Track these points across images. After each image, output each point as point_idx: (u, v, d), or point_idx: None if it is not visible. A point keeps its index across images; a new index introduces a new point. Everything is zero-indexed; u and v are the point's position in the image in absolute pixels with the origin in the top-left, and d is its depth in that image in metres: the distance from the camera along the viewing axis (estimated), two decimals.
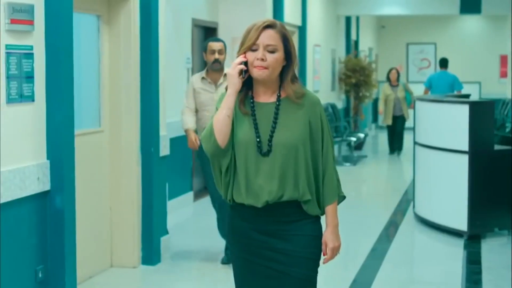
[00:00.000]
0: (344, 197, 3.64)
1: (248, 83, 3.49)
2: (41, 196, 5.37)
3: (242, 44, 3.46)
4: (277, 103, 3.48)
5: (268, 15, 11.54)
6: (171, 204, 8.93)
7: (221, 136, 3.41)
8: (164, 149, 7.44)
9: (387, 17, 23.92)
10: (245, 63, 3.43)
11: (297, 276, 3.49)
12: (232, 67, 3.43)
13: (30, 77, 5.23)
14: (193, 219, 9.73)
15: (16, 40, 5.09)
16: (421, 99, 9.42)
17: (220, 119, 3.41)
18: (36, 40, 5.30)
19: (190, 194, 10.47)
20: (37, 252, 5.36)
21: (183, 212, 9.87)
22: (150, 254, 7.12)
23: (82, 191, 6.27)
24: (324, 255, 3.58)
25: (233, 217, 3.60)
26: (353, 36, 20.73)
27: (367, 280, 6.76)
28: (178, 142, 9.41)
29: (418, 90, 20.28)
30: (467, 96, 11.73)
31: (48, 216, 5.44)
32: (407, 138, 16.02)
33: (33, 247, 5.31)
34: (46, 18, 5.38)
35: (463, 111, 8.19)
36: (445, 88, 15.09)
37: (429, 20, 25.24)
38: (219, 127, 3.41)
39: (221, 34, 11.41)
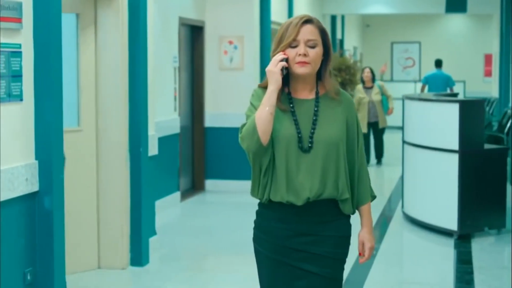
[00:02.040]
0: (375, 197, 3.65)
1: (283, 80, 3.43)
2: (30, 197, 5.27)
3: (278, 41, 3.44)
4: (317, 99, 3.47)
5: (255, 14, 11.49)
6: (158, 204, 8.84)
7: (264, 134, 3.35)
8: (153, 149, 7.36)
9: (371, 16, 23.93)
10: (286, 60, 3.40)
11: (326, 276, 3.47)
12: (273, 64, 3.38)
13: (18, 76, 5.13)
14: (180, 219, 9.66)
15: (4, 38, 4.99)
16: (410, 98, 9.37)
17: (263, 116, 3.34)
18: (24, 38, 5.21)
19: (177, 194, 10.39)
20: (26, 254, 5.26)
21: (171, 212, 9.79)
22: (139, 255, 7.03)
23: (69, 191, 6.18)
24: (360, 255, 3.60)
25: (265, 217, 3.55)
26: (338, 35, 20.71)
27: (358, 280, 6.70)
28: (165, 142, 9.34)
29: (402, 89, 20.34)
30: (456, 95, 11.72)
31: (37, 218, 5.35)
32: (395, 138, 15.99)
33: (21, 249, 5.22)
34: (34, 16, 5.28)
35: (453, 110, 8.15)
36: (440, 85, 16.20)
37: (413, 19, 25.29)
38: (262, 125, 3.34)
39: (208, 33, 11.34)
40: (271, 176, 3.44)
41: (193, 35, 11.29)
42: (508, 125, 12.98)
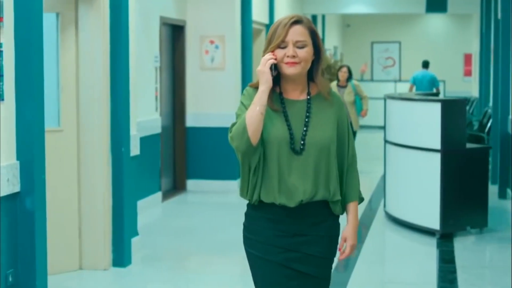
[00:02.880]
0: (363, 199, 3.67)
1: (274, 81, 3.41)
2: (11, 198, 5.22)
3: (269, 42, 3.42)
4: (308, 101, 3.45)
5: (236, 13, 11.46)
6: (139, 205, 8.79)
7: (254, 134, 3.32)
8: (135, 149, 7.32)
9: (352, 16, 23.96)
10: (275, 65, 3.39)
11: (317, 275, 3.47)
12: (262, 63, 3.37)
13: None
14: (162, 220, 9.61)
15: None
16: (392, 97, 9.38)
17: (253, 116, 3.32)
18: (5, 37, 5.15)
19: (159, 194, 10.35)
20: (7, 256, 5.21)
21: (152, 212, 9.74)
22: (121, 256, 6.98)
23: (50, 192, 6.12)
24: (340, 250, 3.60)
25: (255, 218, 3.50)
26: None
27: (342, 280, 6.68)
28: (147, 142, 9.29)
29: (383, 89, 20.40)
30: (437, 94, 11.74)
31: (19, 219, 5.30)
32: (377, 137, 16.00)
33: (2, 251, 5.16)
34: (15, 15, 5.23)
35: (435, 109, 8.16)
36: (426, 85, 16.61)
37: (393, 19, 25.35)
38: (252, 125, 3.32)
39: (189, 32, 11.30)
40: (261, 176, 3.41)
41: (174, 34, 11.24)
42: (489, 124, 13.03)
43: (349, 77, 13.11)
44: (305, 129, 3.40)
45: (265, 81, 3.35)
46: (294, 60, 3.36)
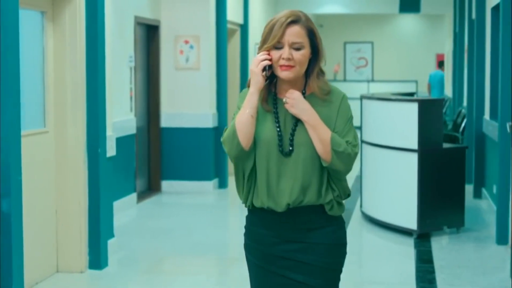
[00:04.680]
0: (349, 195, 3.37)
1: (270, 79, 3.29)
2: None
3: (264, 40, 3.24)
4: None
5: (211, 13, 11.40)
6: (115, 206, 8.70)
7: (245, 138, 3.21)
8: (111, 150, 7.24)
9: (325, 16, 23.95)
10: (270, 66, 3.23)
11: (315, 286, 3.28)
12: (255, 64, 3.21)
13: None
14: (138, 221, 9.52)
15: None
16: (368, 98, 9.36)
17: (243, 119, 3.20)
18: None
19: (134, 195, 10.26)
20: None
21: (127, 214, 9.66)
22: (98, 258, 6.90)
23: (27, 194, 6.03)
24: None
25: (252, 223, 3.39)
26: None
27: None
28: (122, 142, 9.21)
29: (356, 89, 20.43)
30: (412, 94, 11.75)
31: None
32: None
33: None
34: None
35: (412, 109, 8.15)
36: (437, 84, 18.46)
37: (366, 19, 25.40)
38: (242, 129, 3.20)
39: (163, 32, 11.23)
40: (254, 181, 3.30)
41: (149, 34, 11.16)
42: (463, 124, 13.07)
43: None
44: (293, 129, 3.25)
45: (255, 82, 3.22)
46: (289, 63, 3.19)
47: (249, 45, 14.07)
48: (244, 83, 12.76)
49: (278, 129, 3.26)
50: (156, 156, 11.31)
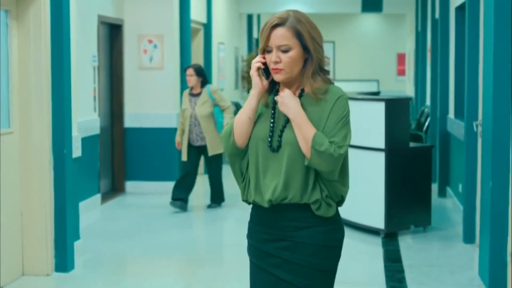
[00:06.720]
0: (343, 200, 3.40)
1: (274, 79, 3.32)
2: None
3: (260, 44, 3.31)
4: (298, 98, 3.28)
5: (174, 13, 11.31)
6: (79, 207, 8.60)
7: (241, 138, 3.30)
8: (76, 150, 7.13)
9: None
10: (265, 69, 3.30)
11: (302, 286, 3.27)
12: (253, 67, 3.28)
13: None
14: (102, 223, 9.41)
15: None
16: None
17: (240, 120, 3.29)
18: None
19: (98, 197, 10.15)
20: None
21: (92, 215, 9.55)
22: (64, 261, 6.80)
23: None
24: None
25: (250, 219, 3.45)
26: (255, 34, 20.67)
27: None
28: (86, 143, 9.09)
29: None
30: (377, 93, 11.76)
31: None
32: None
33: None
34: None
35: (379, 108, 8.14)
36: None
37: (327, 19, 25.43)
38: (239, 128, 3.30)
39: (127, 31, 11.12)
40: (248, 177, 3.35)
41: (112, 33, 11.05)
42: (427, 123, 13.13)
43: (203, 81, 9.62)
44: (283, 125, 3.27)
45: (254, 85, 3.29)
46: (277, 66, 3.21)
47: (212, 44, 14.02)
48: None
49: (271, 126, 3.29)
50: (120, 157, 11.20)
